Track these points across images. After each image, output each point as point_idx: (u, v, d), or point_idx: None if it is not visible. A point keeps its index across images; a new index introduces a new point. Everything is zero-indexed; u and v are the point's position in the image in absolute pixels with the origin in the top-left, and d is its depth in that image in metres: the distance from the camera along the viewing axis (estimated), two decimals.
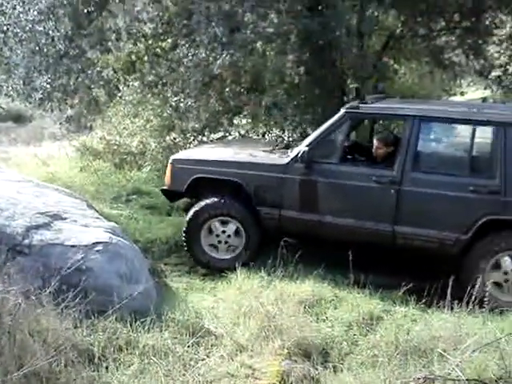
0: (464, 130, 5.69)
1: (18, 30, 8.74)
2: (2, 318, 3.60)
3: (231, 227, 6.12)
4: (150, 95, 9.75)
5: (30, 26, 8.64)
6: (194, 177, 6.24)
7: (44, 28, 8.60)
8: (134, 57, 9.52)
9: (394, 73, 10.66)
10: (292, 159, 5.97)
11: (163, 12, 9.12)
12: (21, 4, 8.86)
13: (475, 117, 5.58)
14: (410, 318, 4.79)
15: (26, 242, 4.64)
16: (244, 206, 6.10)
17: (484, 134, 5.57)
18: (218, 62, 7.98)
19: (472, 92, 13.92)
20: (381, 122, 8.57)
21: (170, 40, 9.38)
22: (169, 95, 9.26)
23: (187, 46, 8.71)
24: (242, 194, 6.13)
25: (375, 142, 6.27)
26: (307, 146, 5.89)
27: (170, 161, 6.59)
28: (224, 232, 6.14)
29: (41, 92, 8.75)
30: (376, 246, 5.78)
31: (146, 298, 4.67)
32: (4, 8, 9.02)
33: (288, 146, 6.56)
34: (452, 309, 4.61)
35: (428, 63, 10.63)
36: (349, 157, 6.18)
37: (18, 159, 10.91)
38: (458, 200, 5.47)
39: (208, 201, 6.12)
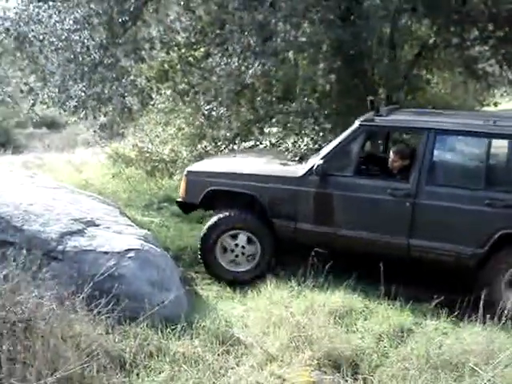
0: (480, 143, 5.59)
1: (54, 39, 8.89)
2: (37, 323, 3.66)
3: (242, 238, 6.10)
4: (181, 103, 9.85)
5: (66, 34, 8.78)
6: (209, 189, 6.23)
7: (79, 37, 8.74)
8: (166, 65, 9.63)
9: (427, 83, 10.60)
10: (307, 172, 5.95)
11: (196, 21, 9.21)
12: (57, 13, 9.02)
13: (491, 130, 5.51)
14: (441, 331, 4.74)
15: (60, 247, 4.72)
16: (257, 217, 6.09)
17: (500, 147, 5.52)
18: (250, 71, 8.03)
19: (506, 102, 13.75)
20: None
21: (202, 49, 9.47)
22: (200, 104, 9.35)
23: (220, 55, 8.78)
24: (257, 207, 6.13)
25: (391, 154, 6.22)
26: (322, 158, 5.87)
27: (184, 173, 6.60)
28: (237, 245, 6.13)
29: (75, 100, 8.89)
30: (391, 258, 5.68)
31: (177, 306, 4.70)
32: (40, 17, 9.18)
33: (302, 158, 6.53)
34: (484, 323, 4.55)
35: (461, 73, 10.56)
36: (364, 169, 6.16)
37: (52, 165, 11.09)
38: (474, 213, 5.42)
39: (216, 217, 6.13)
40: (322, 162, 5.80)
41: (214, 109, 9.20)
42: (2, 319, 3.55)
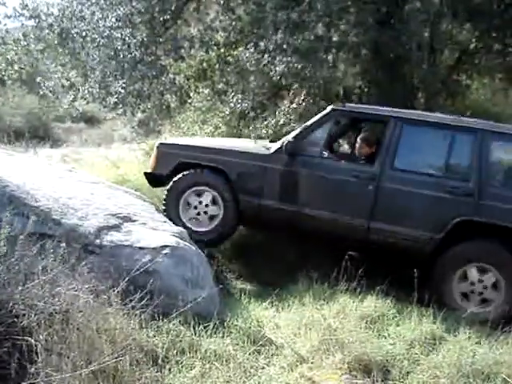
0: (443, 134, 5.85)
1: (96, 36, 9.03)
2: (73, 315, 3.73)
3: (207, 196, 6.27)
4: (219, 102, 9.90)
5: (108, 32, 8.91)
6: (179, 161, 6.36)
7: (121, 34, 8.86)
8: (205, 64, 9.69)
9: (466, 88, 10.47)
10: (276, 150, 6.14)
11: (236, 21, 9.26)
12: (99, 10, 9.16)
13: (454, 122, 5.82)
14: (474, 340, 4.67)
15: (98, 241, 4.78)
16: (225, 181, 6.23)
17: (462, 139, 5.77)
18: (278, 68, 8.05)
19: None
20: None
21: (240, 48, 9.51)
22: (237, 103, 9.38)
23: (252, 51, 8.81)
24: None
25: (358, 141, 6.48)
26: (293, 137, 6.08)
27: (156, 144, 6.79)
28: (201, 203, 6.30)
29: (115, 96, 9.00)
30: (350, 240, 5.91)
31: (210, 304, 4.73)
32: (83, 14, 9.33)
33: None
34: None
35: (502, 80, 10.40)
36: (331, 151, 6.42)
37: (90, 160, 11.24)
38: (434, 199, 5.66)
39: (186, 171, 6.30)
40: (291, 140, 6.02)
41: (250, 108, 9.23)
42: (40, 310, 3.63)
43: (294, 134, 6.24)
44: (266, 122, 9.02)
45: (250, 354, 4.25)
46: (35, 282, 3.75)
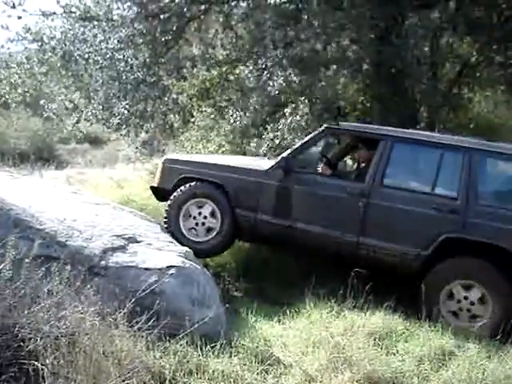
0: (432, 152, 5.93)
1: (99, 58, 9.10)
2: (80, 338, 3.71)
3: (207, 208, 6.44)
4: (221, 120, 9.94)
5: (110, 53, 8.99)
6: (181, 176, 6.59)
7: (123, 56, 8.95)
8: (207, 83, 9.75)
9: (468, 101, 10.48)
10: (272, 166, 6.31)
11: (236, 39, 9.32)
12: (101, 32, 9.25)
13: (442, 140, 5.95)
14: (484, 355, 4.63)
15: (103, 263, 4.77)
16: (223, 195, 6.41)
17: (450, 157, 5.85)
18: (276, 82, 8.11)
19: None
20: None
21: (242, 67, 9.56)
22: (238, 121, 9.41)
23: (254, 70, 8.87)
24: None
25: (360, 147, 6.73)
26: (288, 154, 6.25)
27: (162, 160, 7.04)
28: (200, 214, 6.48)
29: (119, 117, 9.06)
30: (341, 255, 6.05)
31: (217, 323, 4.70)
32: (85, 36, 9.41)
33: None
34: None
35: (504, 92, 10.41)
36: (325, 169, 6.58)
37: (94, 180, 11.27)
38: (421, 216, 5.73)
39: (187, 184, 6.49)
40: (286, 156, 6.21)
41: (251, 125, 9.26)
42: (47, 334, 3.61)
43: (289, 150, 6.40)
44: (266, 138, 9.05)
45: (257, 373, 4.21)
46: (41, 305, 3.74)
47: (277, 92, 8.33)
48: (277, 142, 8.78)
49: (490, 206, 5.63)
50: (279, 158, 6.36)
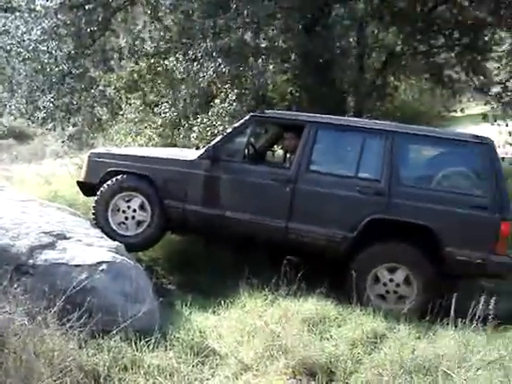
0: (355, 136, 6.09)
1: (21, 50, 8.82)
2: (8, 339, 3.60)
3: (136, 201, 6.36)
4: (151, 114, 9.81)
5: (33, 45, 8.72)
6: (108, 170, 6.50)
7: (47, 47, 8.70)
8: (135, 75, 9.60)
9: (394, 90, 10.73)
10: (199, 156, 6.31)
11: (164, 31, 9.21)
12: (24, 24, 8.95)
13: (366, 125, 6.12)
14: (414, 336, 4.77)
15: (31, 261, 4.64)
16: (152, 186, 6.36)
17: (373, 141, 6.01)
18: (206, 74, 8.09)
19: (472, 108, 13.97)
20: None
21: (171, 58, 9.46)
22: (169, 114, 9.32)
23: (184, 62, 8.79)
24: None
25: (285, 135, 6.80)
26: (215, 143, 6.30)
27: (87, 154, 6.91)
28: (129, 207, 6.40)
29: (44, 111, 8.81)
30: (270, 241, 6.10)
31: (151, 318, 4.65)
32: (7, 27, 9.09)
33: None
34: (456, 326, 4.62)
35: (428, 80, 10.72)
36: (250, 156, 6.66)
37: (21, 177, 10.92)
38: (347, 199, 5.88)
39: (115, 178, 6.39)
40: (213, 145, 6.25)
41: (183, 117, 9.19)
42: None
43: (216, 140, 6.42)
44: (197, 130, 9.01)
45: (193, 365, 4.20)
46: None
47: (206, 83, 8.29)
48: (208, 133, 8.77)
49: (411, 187, 5.82)
50: (206, 147, 6.38)
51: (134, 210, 6.37)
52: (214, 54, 7.97)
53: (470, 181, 5.93)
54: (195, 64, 8.34)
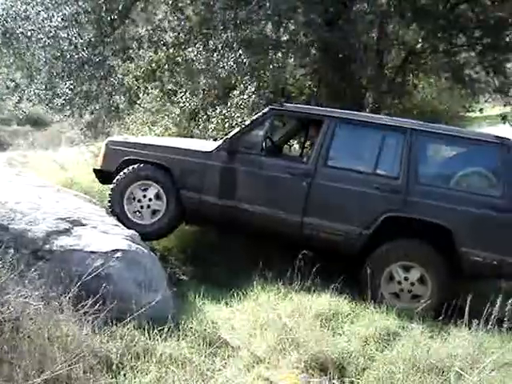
0: (375, 133, 6.06)
1: (42, 36, 8.79)
2: (24, 323, 3.62)
3: (151, 191, 6.37)
4: (169, 103, 9.80)
5: (54, 32, 8.69)
6: (125, 158, 6.49)
7: (67, 34, 8.66)
8: (154, 65, 9.59)
9: (413, 88, 10.66)
10: (217, 147, 6.31)
11: (184, 21, 9.18)
12: (45, 10, 8.93)
13: (386, 122, 6.12)
14: (427, 335, 4.76)
15: (47, 247, 4.67)
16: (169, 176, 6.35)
17: (393, 138, 5.99)
18: (225, 65, 8.05)
19: (491, 109, 13.86)
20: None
21: (190, 49, 9.43)
22: (187, 104, 9.30)
23: (204, 52, 8.76)
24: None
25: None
26: (232, 135, 6.30)
27: (105, 142, 6.92)
28: (145, 196, 6.41)
29: (62, 98, 8.79)
30: (285, 235, 6.10)
31: (164, 307, 4.66)
32: (28, 13, 9.09)
33: None
34: (470, 327, 4.59)
35: (447, 79, 10.63)
36: (268, 148, 6.62)
37: (37, 163, 10.97)
38: (363, 196, 5.86)
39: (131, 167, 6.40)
40: (231, 138, 6.26)
41: (200, 108, 9.17)
42: None
43: (234, 132, 6.43)
44: (215, 121, 8.99)
45: (206, 356, 4.21)
46: None
47: (226, 74, 8.26)
48: (225, 124, 8.76)
49: (429, 186, 5.79)
50: (223, 139, 6.37)
51: (150, 199, 6.38)
52: (234, 45, 7.94)
53: (489, 181, 5.90)
54: (215, 54, 8.31)
